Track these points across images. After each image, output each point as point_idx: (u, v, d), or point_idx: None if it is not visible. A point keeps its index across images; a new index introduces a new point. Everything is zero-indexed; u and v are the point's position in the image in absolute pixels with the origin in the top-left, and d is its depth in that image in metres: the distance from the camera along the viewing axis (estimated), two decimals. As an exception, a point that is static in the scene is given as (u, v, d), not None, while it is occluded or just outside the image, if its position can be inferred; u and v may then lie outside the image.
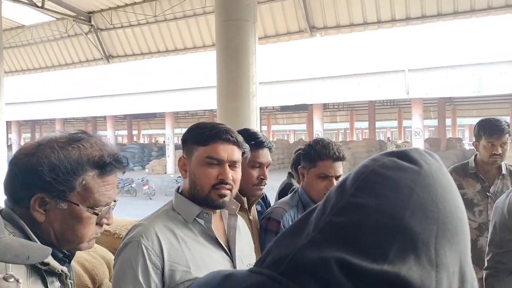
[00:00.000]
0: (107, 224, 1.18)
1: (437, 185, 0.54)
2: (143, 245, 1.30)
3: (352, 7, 7.74)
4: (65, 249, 1.14)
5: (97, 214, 1.11)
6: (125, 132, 37.31)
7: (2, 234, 0.92)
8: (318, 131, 19.97)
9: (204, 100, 20.11)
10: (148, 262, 1.28)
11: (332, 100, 21.22)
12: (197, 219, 1.40)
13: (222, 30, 5.62)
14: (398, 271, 0.49)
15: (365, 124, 33.91)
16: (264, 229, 2.01)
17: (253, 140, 1.92)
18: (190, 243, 1.36)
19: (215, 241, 1.42)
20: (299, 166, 2.18)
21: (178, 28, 9.54)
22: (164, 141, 28.34)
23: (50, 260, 1.05)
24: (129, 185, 19.70)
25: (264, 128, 33.64)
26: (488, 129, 2.87)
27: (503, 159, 2.89)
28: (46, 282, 1.06)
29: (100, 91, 23.88)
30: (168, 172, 23.00)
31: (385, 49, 17.23)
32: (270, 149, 2.07)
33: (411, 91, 16.71)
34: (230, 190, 1.42)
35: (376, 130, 32.02)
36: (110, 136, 25.52)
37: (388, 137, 40.39)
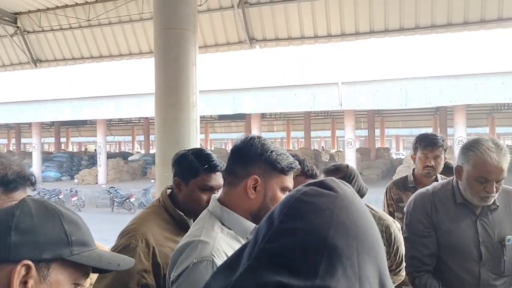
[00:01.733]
0: None
1: (353, 207, 0.61)
2: (217, 265, 1.24)
3: (291, 21, 7.92)
4: None
5: None
6: (52, 140, 35.31)
7: (94, 246, 0.97)
8: (256, 140, 20.13)
9: (139, 108, 19.61)
10: None
11: (270, 110, 21.56)
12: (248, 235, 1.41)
13: (161, 38, 5.48)
14: (328, 285, 0.53)
15: (301, 134, 34.75)
16: None
17: (207, 164, 1.85)
18: None
19: None
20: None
21: (113, 33, 9.18)
22: (95, 149, 27.18)
23: None
24: (56, 197, 18.60)
25: (202, 136, 33.37)
26: (423, 142, 3.01)
27: (437, 172, 3.01)
28: None
29: (26, 96, 22.46)
30: (99, 182, 22.03)
31: (320, 63, 17.84)
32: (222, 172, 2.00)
33: (344, 103, 17.40)
34: None
35: (311, 140, 32.93)
36: (35, 144, 24.03)
37: (323, 146, 41.67)
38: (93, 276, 2.75)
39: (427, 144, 2.98)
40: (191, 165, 1.84)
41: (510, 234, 2.04)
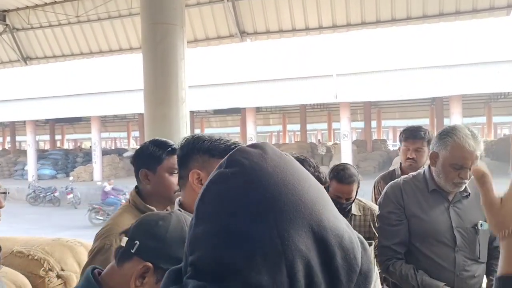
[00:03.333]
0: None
1: (261, 176, 0.54)
2: None
3: (281, 13, 7.84)
4: None
5: None
6: (47, 137, 35.17)
7: None
8: (252, 134, 20.08)
9: (134, 103, 19.48)
10: None
11: (264, 104, 21.48)
12: None
13: (148, 33, 5.40)
14: (247, 280, 0.50)
15: (297, 127, 34.68)
16: None
17: (167, 148, 1.90)
18: None
19: None
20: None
21: (102, 29, 9.08)
22: (90, 146, 27.08)
23: None
24: (52, 194, 18.55)
25: (198, 131, 33.29)
26: (406, 134, 3.05)
27: (419, 164, 3.00)
28: None
29: (20, 94, 22.34)
30: (95, 179, 21.96)
31: (314, 55, 17.77)
32: None
33: (339, 95, 17.33)
34: None
35: (308, 132, 32.87)
36: (30, 142, 23.92)
37: (319, 139, 41.66)
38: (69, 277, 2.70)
39: (408, 136, 3.02)
40: (154, 153, 1.90)
41: (482, 220, 2.07)
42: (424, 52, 17.14)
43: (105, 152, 25.55)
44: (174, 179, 1.88)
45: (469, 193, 2.10)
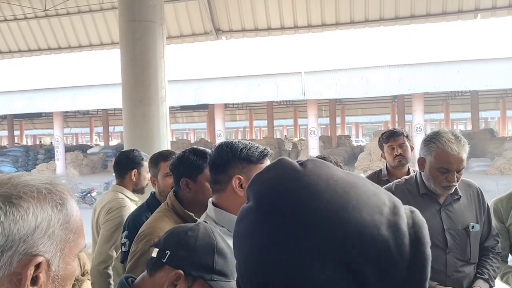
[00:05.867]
0: None
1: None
2: None
3: (257, 12, 7.86)
4: None
5: None
6: (5, 133, 33.71)
7: (232, 278, 1.17)
8: (220, 130, 20.02)
9: (97, 99, 19.02)
10: None
11: (233, 100, 21.43)
12: None
13: (127, 31, 5.28)
14: None
15: (263, 123, 34.80)
16: None
17: (207, 157, 1.94)
18: None
19: None
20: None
21: (72, 24, 8.80)
22: (50, 142, 26.19)
23: None
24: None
25: (163, 127, 32.84)
26: (386, 136, 3.21)
27: (407, 159, 3.13)
28: None
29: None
30: (58, 177, 21.26)
31: (283, 53, 17.91)
32: None
33: (307, 92, 17.56)
34: None
35: (274, 128, 33.08)
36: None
37: (285, 135, 41.98)
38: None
39: (389, 136, 3.18)
40: (195, 163, 1.95)
41: (473, 222, 2.16)
42: (389, 52, 17.63)
43: (67, 149, 24.78)
44: None
45: (460, 196, 2.17)
